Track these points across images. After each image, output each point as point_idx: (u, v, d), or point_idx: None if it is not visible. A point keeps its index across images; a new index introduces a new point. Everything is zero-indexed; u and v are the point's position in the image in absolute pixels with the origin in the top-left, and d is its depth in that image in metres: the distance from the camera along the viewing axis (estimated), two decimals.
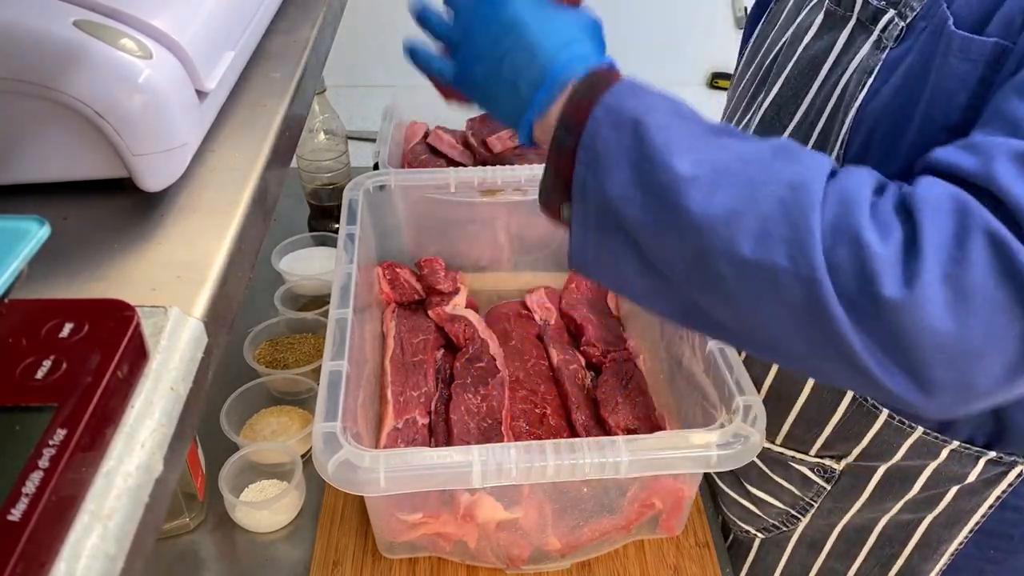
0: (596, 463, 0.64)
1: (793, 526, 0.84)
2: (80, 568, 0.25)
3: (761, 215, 0.49)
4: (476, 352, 0.93)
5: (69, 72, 0.38)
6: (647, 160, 0.52)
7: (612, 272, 0.57)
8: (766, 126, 0.75)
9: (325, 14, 0.66)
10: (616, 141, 0.53)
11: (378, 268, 1.02)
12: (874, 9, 0.64)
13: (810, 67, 0.70)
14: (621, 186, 0.52)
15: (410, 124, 1.36)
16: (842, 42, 0.67)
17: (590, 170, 0.54)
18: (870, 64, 0.64)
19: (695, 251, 0.50)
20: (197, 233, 0.42)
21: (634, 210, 0.52)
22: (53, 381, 0.28)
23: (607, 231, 0.55)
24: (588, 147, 0.54)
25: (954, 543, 0.75)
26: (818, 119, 0.69)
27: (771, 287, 0.48)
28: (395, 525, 0.78)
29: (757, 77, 0.80)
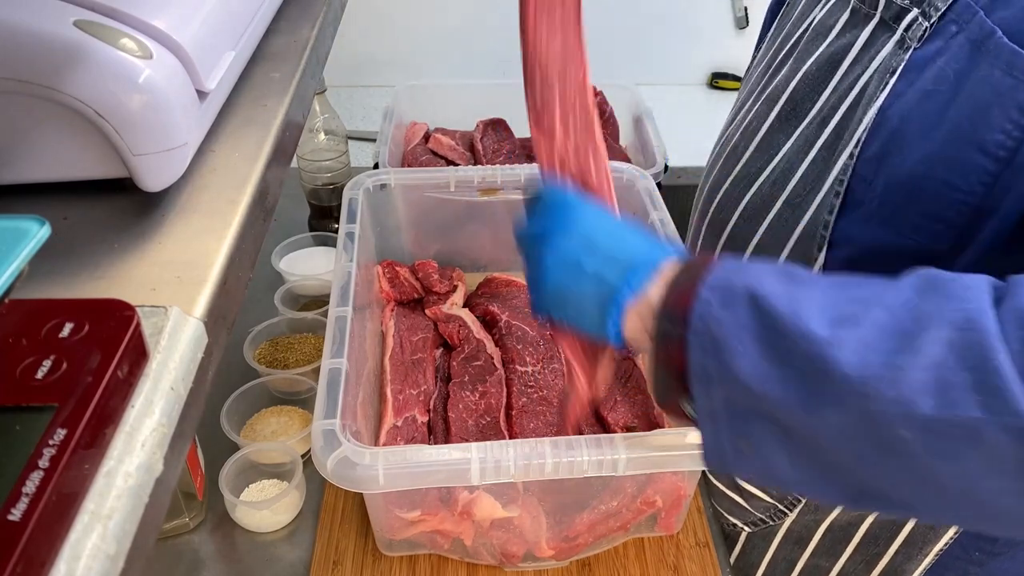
0: (594, 460, 0.65)
1: (780, 520, 0.83)
2: (80, 568, 0.26)
3: (931, 365, 0.43)
4: (473, 351, 0.93)
5: (69, 72, 0.38)
6: (776, 332, 0.47)
7: (759, 465, 0.51)
8: (783, 121, 0.74)
9: (325, 14, 0.66)
10: (733, 319, 0.48)
11: (378, 267, 1.03)
12: (898, 8, 0.63)
13: (829, 64, 0.69)
14: (752, 365, 0.47)
15: (410, 124, 1.36)
16: (863, 40, 0.66)
17: (709, 356, 0.49)
18: (892, 64, 0.62)
19: (862, 421, 0.45)
20: (197, 233, 0.42)
21: (774, 389, 0.47)
22: (53, 381, 0.28)
23: (743, 419, 0.50)
24: (701, 332, 0.50)
25: (939, 543, 0.74)
26: (832, 115, 0.68)
27: (971, 445, 0.43)
28: (394, 522, 0.78)
29: (770, 70, 0.79)
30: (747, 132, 0.79)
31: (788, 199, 0.71)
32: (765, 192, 0.74)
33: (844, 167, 0.65)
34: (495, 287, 1.05)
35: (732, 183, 0.79)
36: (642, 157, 1.29)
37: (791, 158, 0.72)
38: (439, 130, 1.34)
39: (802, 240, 0.70)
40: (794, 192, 0.71)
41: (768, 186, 0.74)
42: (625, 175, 1.01)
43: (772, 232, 0.73)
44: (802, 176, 0.70)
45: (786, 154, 0.72)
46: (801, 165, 0.70)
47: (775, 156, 0.74)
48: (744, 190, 0.77)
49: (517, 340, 0.94)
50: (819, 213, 0.68)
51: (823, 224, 0.67)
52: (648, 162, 1.23)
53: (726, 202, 0.79)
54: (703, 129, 1.66)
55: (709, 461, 0.53)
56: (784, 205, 0.72)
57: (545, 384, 0.91)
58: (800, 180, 0.70)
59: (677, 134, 1.59)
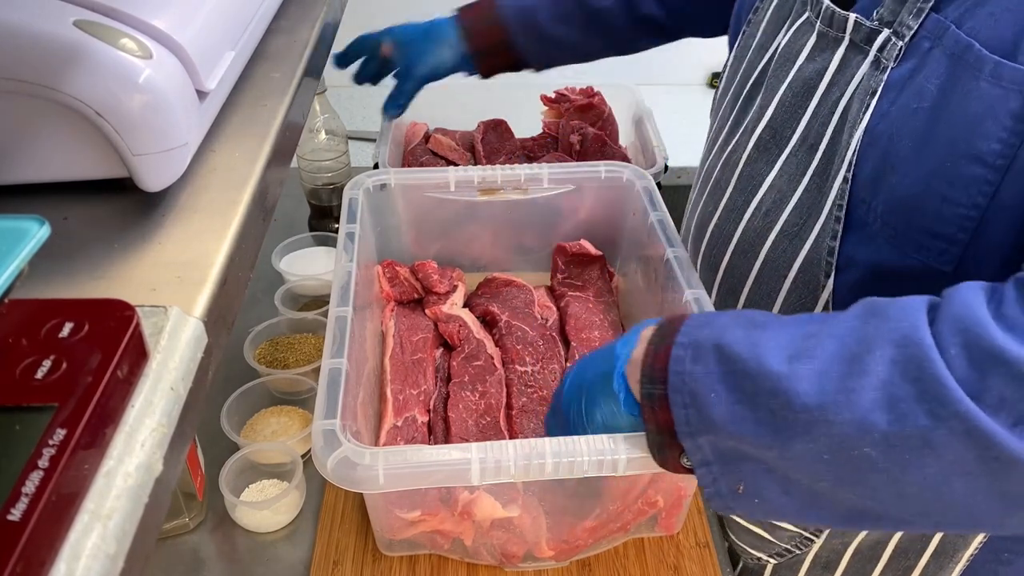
0: (594, 460, 0.64)
1: (807, 548, 0.82)
2: (80, 568, 0.26)
3: (879, 384, 0.46)
4: (473, 351, 0.93)
5: (69, 72, 0.38)
6: (741, 375, 0.50)
7: (757, 502, 0.54)
8: (762, 151, 0.74)
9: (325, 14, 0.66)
10: (704, 371, 0.52)
11: (378, 267, 1.03)
12: (868, 30, 0.63)
13: (804, 89, 0.69)
14: (726, 411, 0.51)
15: (410, 124, 1.36)
16: (836, 63, 0.66)
17: (690, 409, 0.53)
18: (871, 85, 0.63)
19: (830, 446, 0.48)
20: (197, 233, 0.42)
21: (749, 427, 0.50)
22: (53, 381, 0.28)
23: (732, 461, 0.53)
24: (678, 388, 0.53)
25: (970, 549, 0.73)
26: (819, 141, 0.68)
27: (928, 452, 0.45)
28: (394, 522, 0.78)
29: (741, 97, 0.79)
30: (728, 165, 0.79)
31: (784, 229, 0.72)
32: (757, 224, 0.74)
33: (840, 191, 0.65)
34: (495, 287, 1.05)
35: (720, 218, 0.79)
36: (642, 157, 1.29)
37: (780, 187, 0.72)
38: (439, 130, 1.34)
39: (805, 269, 0.70)
40: (789, 222, 0.71)
41: (759, 218, 0.74)
42: (625, 175, 1.01)
43: (770, 264, 0.74)
44: (796, 205, 0.70)
45: (774, 184, 0.73)
46: (794, 194, 0.70)
47: (760, 186, 0.74)
48: (734, 224, 0.77)
49: (517, 340, 0.94)
50: (821, 240, 0.68)
51: (827, 250, 0.67)
52: (648, 162, 1.23)
53: (717, 237, 0.80)
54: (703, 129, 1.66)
55: (713, 505, 0.56)
56: (780, 236, 0.72)
57: (545, 384, 0.91)
58: (795, 209, 0.70)
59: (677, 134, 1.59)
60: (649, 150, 1.25)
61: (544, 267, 1.09)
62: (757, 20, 0.78)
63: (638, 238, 0.98)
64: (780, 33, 0.74)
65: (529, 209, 1.03)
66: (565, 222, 1.06)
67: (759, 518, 0.78)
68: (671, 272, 0.85)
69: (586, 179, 1.01)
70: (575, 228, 1.06)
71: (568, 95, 1.36)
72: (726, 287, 0.80)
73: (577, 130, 1.29)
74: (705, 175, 0.84)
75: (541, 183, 1.00)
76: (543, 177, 1.00)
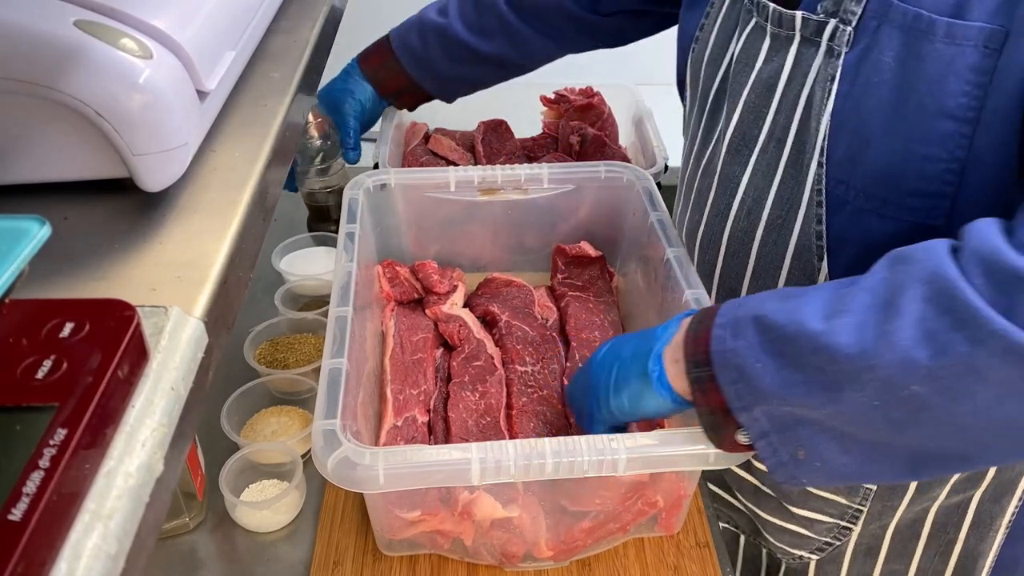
0: (594, 460, 0.65)
1: (846, 538, 0.82)
2: (81, 567, 0.26)
3: (915, 322, 0.48)
4: (473, 351, 0.93)
5: (69, 72, 0.39)
6: (782, 340, 0.53)
7: (819, 465, 0.56)
8: (734, 153, 0.76)
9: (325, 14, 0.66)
10: (745, 345, 0.54)
11: (378, 267, 1.03)
12: (816, 23, 0.66)
13: (765, 89, 0.72)
14: (774, 378, 0.53)
15: (410, 125, 1.36)
16: (791, 60, 0.69)
17: (739, 384, 0.55)
18: (829, 72, 0.65)
19: (878, 391, 0.50)
20: (197, 233, 0.42)
21: (800, 389, 0.52)
22: (54, 381, 0.28)
23: (790, 429, 0.55)
24: (724, 365, 0.55)
25: (1007, 515, 0.75)
26: (785, 135, 0.70)
27: (974, 377, 0.47)
28: (394, 522, 0.78)
29: (707, 108, 0.81)
30: (707, 173, 0.81)
31: (769, 223, 0.74)
32: (743, 224, 0.77)
33: (816, 177, 0.68)
34: (495, 287, 1.05)
35: (707, 224, 0.82)
36: (642, 157, 1.29)
37: (757, 184, 0.74)
38: (439, 130, 1.34)
39: (798, 256, 0.72)
40: (772, 215, 0.73)
41: (743, 218, 0.76)
42: (625, 175, 1.01)
43: (764, 259, 0.76)
44: (775, 198, 0.73)
45: (750, 182, 0.75)
46: (771, 188, 0.73)
47: (739, 188, 0.76)
48: (721, 227, 0.80)
49: (517, 340, 0.94)
50: (807, 226, 0.70)
51: (816, 235, 0.70)
52: (648, 162, 1.23)
53: (708, 243, 0.83)
54: None
55: (777, 477, 0.57)
56: (767, 230, 0.74)
57: (545, 384, 0.91)
58: (775, 202, 0.73)
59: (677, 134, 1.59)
60: (649, 150, 1.25)
61: (544, 267, 1.09)
62: (704, 35, 0.81)
63: (638, 238, 0.98)
64: (732, 41, 0.76)
65: (529, 209, 1.03)
66: (565, 222, 1.06)
67: (823, 484, 0.77)
68: (671, 272, 0.85)
69: (586, 179, 1.01)
70: (575, 228, 1.06)
71: (568, 96, 1.36)
72: (725, 289, 0.82)
73: (577, 131, 1.29)
74: (687, 187, 0.87)
75: (541, 183, 1.00)
76: (543, 177, 1.00)
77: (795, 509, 0.84)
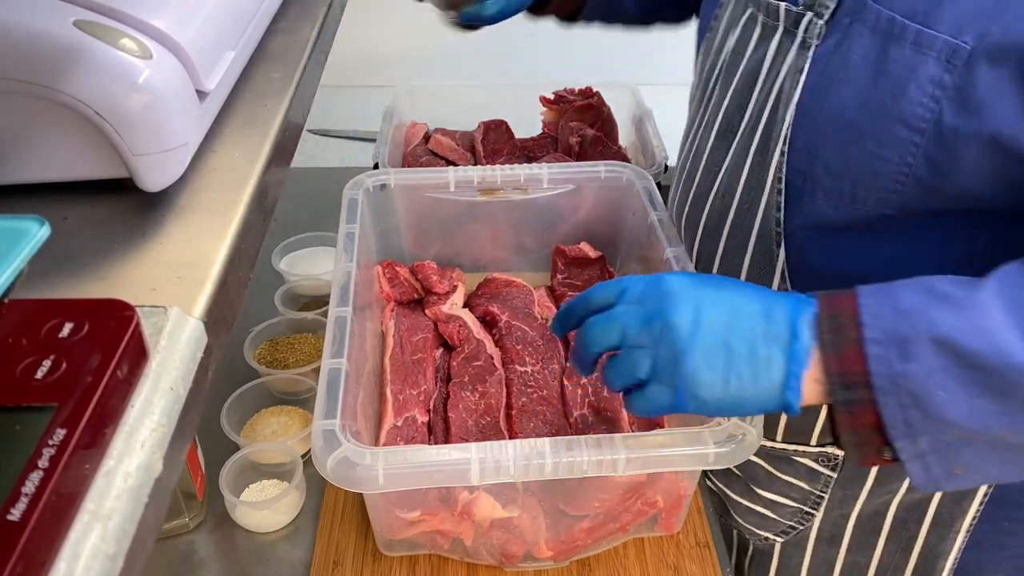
0: (594, 461, 0.65)
1: (809, 523, 0.84)
2: (80, 568, 0.26)
3: None
4: (473, 351, 0.93)
5: (69, 72, 0.38)
6: (984, 371, 0.49)
7: (976, 477, 0.55)
8: (720, 139, 0.78)
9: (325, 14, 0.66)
10: (923, 369, 0.50)
11: (378, 267, 1.03)
12: (795, 15, 0.67)
13: (750, 78, 0.73)
14: (965, 408, 0.50)
15: (410, 124, 1.36)
16: (772, 49, 0.70)
17: (910, 410, 0.51)
18: (799, 63, 0.66)
19: None
20: (197, 233, 0.42)
21: (996, 422, 0.50)
22: (53, 381, 0.28)
23: (953, 450, 0.52)
24: (891, 390, 0.50)
25: (967, 517, 0.75)
26: (758, 123, 0.72)
27: None
28: (394, 522, 0.78)
29: (704, 96, 0.83)
30: (696, 155, 0.83)
31: (738, 207, 0.75)
32: (717, 206, 0.78)
33: (778, 165, 0.69)
34: (495, 287, 1.05)
35: (691, 205, 0.83)
36: (642, 157, 1.29)
37: (732, 170, 0.76)
38: (439, 130, 1.34)
39: (759, 242, 0.74)
40: (742, 200, 0.75)
41: (719, 200, 0.78)
42: (625, 175, 1.01)
43: (732, 240, 0.77)
44: (745, 184, 0.74)
45: (728, 167, 0.77)
46: (742, 174, 0.74)
47: (719, 172, 0.78)
48: (701, 209, 0.81)
49: (517, 340, 0.94)
50: (768, 212, 0.72)
51: (775, 221, 0.71)
52: (648, 162, 1.23)
53: (689, 223, 0.84)
54: None
55: (920, 489, 0.55)
56: (735, 214, 0.76)
57: (545, 384, 0.91)
58: (744, 188, 0.74)
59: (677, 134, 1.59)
60: (649, 150, 1.25)
61: (544, 267, 1.09)
62: (716, 25, 0.83)
63: (638, 238, 0.98)
64: (732, 29, 0.78)
65: (529, 209, 1.03)
66: (565, 222, 1.06)
67: (966, 487, 0.74)
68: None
69: (586, 179, 1.01)
70: (575, 228, 1.06)
71: (567, 96, 1.36)
72: (701, 269, 0.83)
73: (576, 131, 1.29)
74: (680, 168, 0.89)
75: (541, 183, 1.00)
76: (543, 177, 1.00)
77: (761, 491, 0.86)
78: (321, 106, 1.72)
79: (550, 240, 1.07)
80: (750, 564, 0.95)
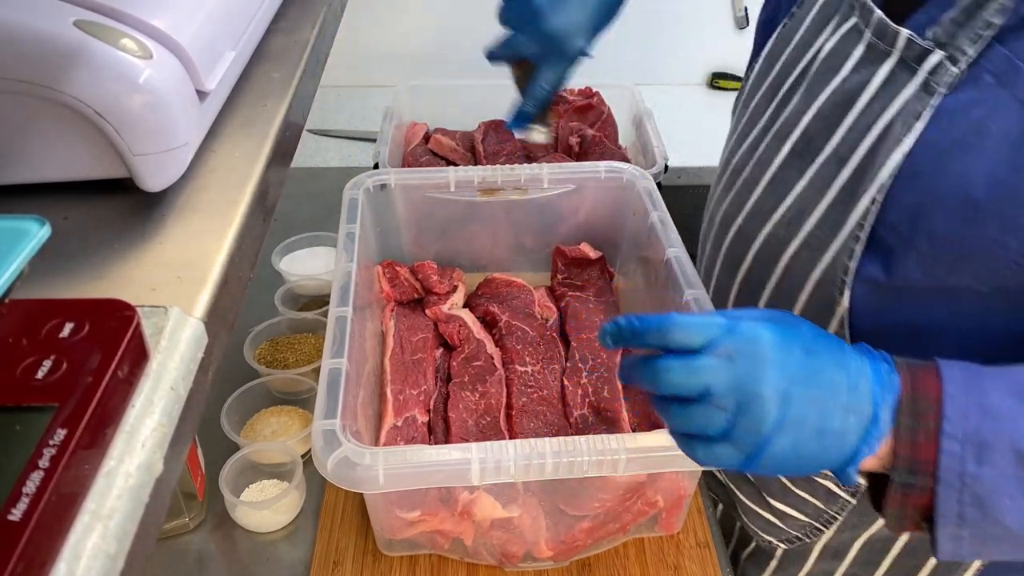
0: (594, 461, 0.65)
1: (816, 537, 0.82)
2: (81, 568, 0.26)
3: None
4: (473, 351, 0.93)
5: (69, 72, 0.38)
6: None
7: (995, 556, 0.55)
8: (796, 157, 0.71)
9: (325, 14, 0.66)
10: (995, 474, 0.49)
11: (378, 267, 1.03)
12: (920, 49, 0.59)
13: (844, 100, 0.66)
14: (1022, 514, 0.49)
15: (410, 125, 1.36)
16: (881, 78, 0.62)
17: (967, 507, 0.50)
18: (917, 108, 0.59)
19: None
20: (197, 233, 0.42)
21: None
22: (53, 381, 0.28)
23: (992, 541, 0.51)
24: (954, 485, 0.50)
25: (975, 565, 0.72)
26: (850, 155, 0.64)
27: None
28: (394, 522, 0.78)
29: (776, 99, 0.76)
30: (759, 164, 0.76)
31: (805, 240, 0.69)
32: (780, 232, 0.71)
33: (866, 211, 0.62)
34: (495, 287, 1.05)
35: (746, 218, 0.76)
36: (642, 157, 1.29)
37: (806, 197, 0.69)
38: (439, 130, 1.34)
39: (822, 284, 0.68)
40: (811, 234, 0.68)
41: (783, 226, 0.71)
42: (625, 175, 1.01)
43: (789, 274, 0.71)
44: (820, 217, 0.67)
45: (801, 192, 0.70)
46: (818, 205, 0.68)
47: (788, 193, 0.71)
48: (758, 227, 0.74)
49: (517, 340, 0.94)
50: (839, 257, 0.65)
51: (843, 268, 0.65)
52: (648, 162, 1.23)
53: (740, 239, 0.77)
54: (703, 129, 1.66)
55: (941, 558, 0.53)
56: (801, 246, 0.69)
57: (545, 384, 0.91)
58: (818, 222, 0.68)
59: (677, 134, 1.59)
60: (649, 150, 1.25)
61: (544, 267, 1.09)
62: (799, 16, 0.75)
63: (638, 238, 0.99)
64: (823, 35, 0.71)
65: (529, 209, 1.03)
66: (565, 222, 1.06)
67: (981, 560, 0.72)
68: (671, 272, 0.85)
69: (586, 179, 1.01)
70: (575, 228, 1.06)
71: (566, 96, 1.36)
72: (745, 291, 0.78)
73: (576, 132, 1.29)
74: (732, 171, 0.81)
75: (541, 183, 1.00)
76: (543, 177, 1.00)
77: (773, 501, 0.84)
78: (321, 106, 1.72)
79: (550, 240, 1.07)
80: (748, 558, 0.94)
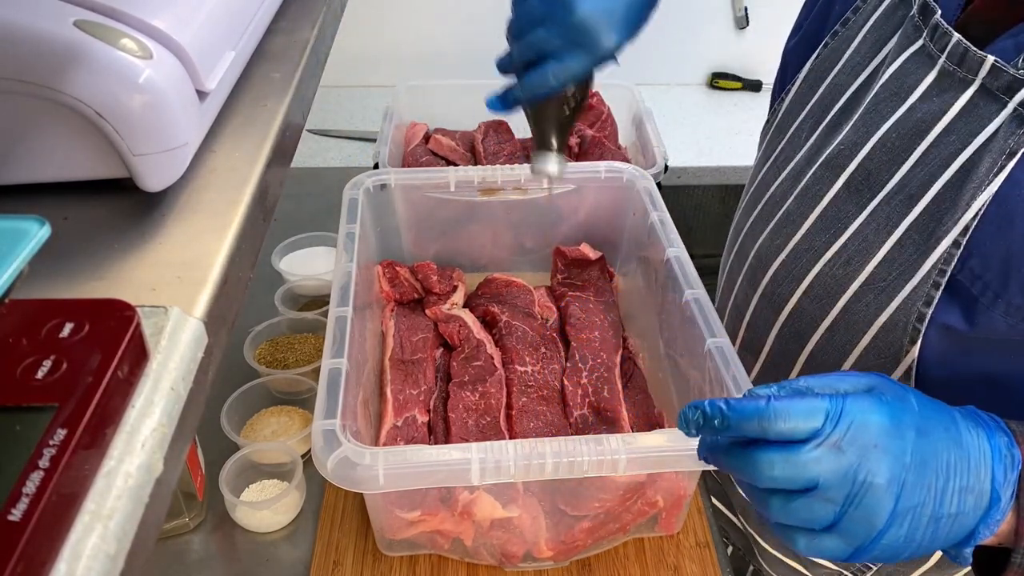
0: (594, 461, 0.65)
1: None
2: (80, 568, 0.26)
3: None
4: (473, 351, 0.93)
5: (69, 72, 0.38)
6: None
7: None
8: (853, 192, 0.66)
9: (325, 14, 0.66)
10: None
11: (378, 267, 1.03)
12: (1010, 78, 0.54)
13: (914, 131, 0.60)
14: None
15: (410, 125, 1.36)
16: (959, 108, 0.57)
17: None
18: (1010, 144, 0.54)
19: None
20: (197, 233, 0.42)
21: None
22: (53, 381, 0.28)
23: None
24: None
25: None
26: (921, 192, 0.60)
27: None
28: (394, 522, 0.78)
29: (826, 120, 0.70)
30: (807, 197, 0.70)
31: (868, 281, 0.64)
32: (838, 271, 0.67)
33: (946, 256, 0.58)
34: (495, 287, 1.05)
35: (791, 255, 0.71)
36: (642, 157, 1.29)
37: (866, 236, 0.65)
38: (439, 130, 1.34)
39: (889, 329, 0.64)
40: (876, 275, 0.64)
41: (841, 265, 0.67)
42: (625, 175, 1.01)
43: (850, 316, 0.67)
44: (886, 258, 0.63)
45: (860, 230, 0.65)
46: (883, 245, 0.63)
47: (845, 231, 0.66)
48: (808, 265, 0.69)
49: (517, 340, 0.94)
50: (911, 303, 0.61)
51: (917, 316, 0.61)
52: (648, 162, 1.23)
53: (785, 275, 0.72)
54: (703, 129, 1.67)
55: None
56: (863, 287, 0.65)
57: (545, 384, 0.91)
58: (883, 262, 0.63)
59: (677, 134, 1.59)
60: (649, 150, 1.25)
61: (544, 267, 1.09)
62: (850, 33, 0.70)
63: (638, 238, 0.99)
64: (879, 57, 0.66)
65: (529, 209, 1.03)
66: (565, 222, 1.06)
67: None
68: (671, 272, 0.85)
69: (586, 179, 1.01)
70: (575, 228, 1.06)
71: None
72: (790, 331, 0.73)
73: (576, 131, 1.29)
74: (769, 202, 0.75)
75: (541, 183, 1.00)
76: None
77: None
78: (321, 106, 1.72)
79: (550, 240, 1.07)
80: None
